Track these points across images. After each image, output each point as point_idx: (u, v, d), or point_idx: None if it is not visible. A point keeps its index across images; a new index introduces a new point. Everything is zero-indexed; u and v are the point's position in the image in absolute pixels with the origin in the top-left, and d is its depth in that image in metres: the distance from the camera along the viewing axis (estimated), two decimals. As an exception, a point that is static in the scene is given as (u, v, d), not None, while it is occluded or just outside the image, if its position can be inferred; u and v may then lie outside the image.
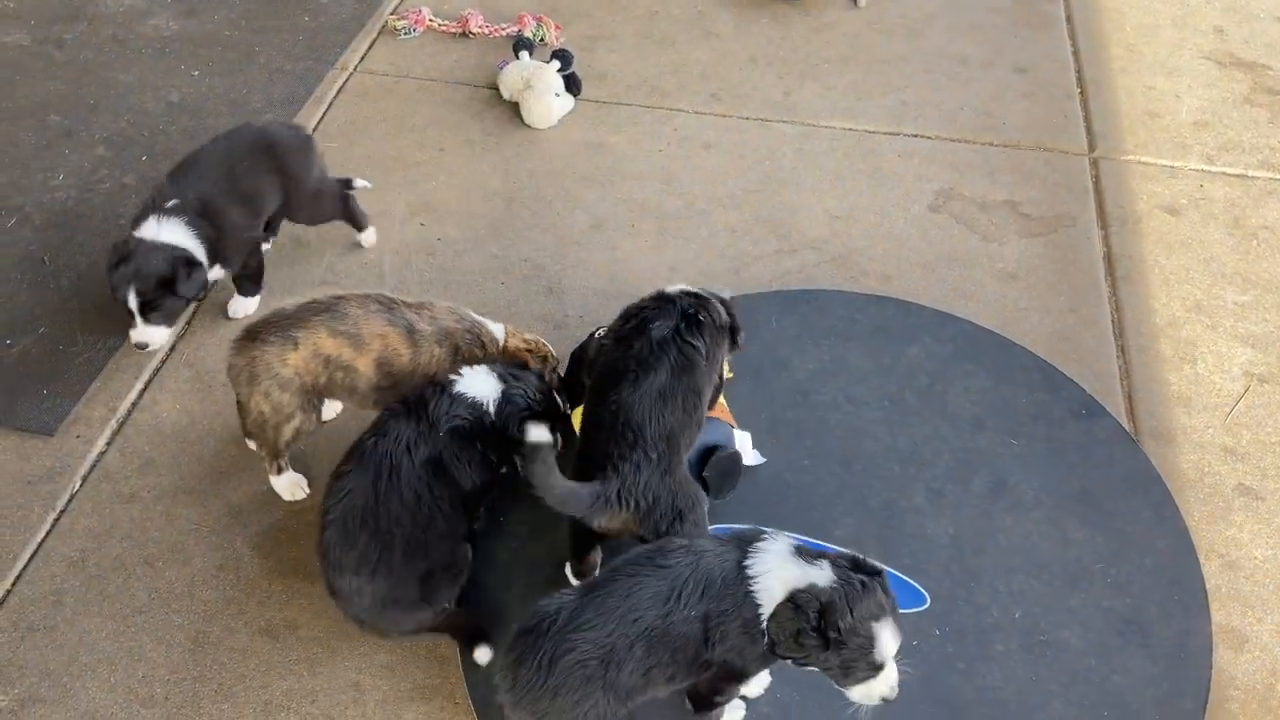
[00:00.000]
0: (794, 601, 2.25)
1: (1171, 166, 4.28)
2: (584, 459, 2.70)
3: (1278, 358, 3.59)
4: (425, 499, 2.71)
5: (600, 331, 3.12)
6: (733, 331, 2.95)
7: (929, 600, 2.84)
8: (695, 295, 2.89)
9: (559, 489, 2.52)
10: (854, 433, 3.20)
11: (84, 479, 3.23)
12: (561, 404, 2.99)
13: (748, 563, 2.33)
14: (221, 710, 2.75)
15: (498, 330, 3.10)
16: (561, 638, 2.26)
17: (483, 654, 2.75)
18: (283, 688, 2.79)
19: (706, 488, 2.95)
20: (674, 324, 2.78)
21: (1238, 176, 4.24)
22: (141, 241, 3.28)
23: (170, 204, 3.35)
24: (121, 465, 3.26)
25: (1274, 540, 3.11)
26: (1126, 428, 3.30)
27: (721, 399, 3.09)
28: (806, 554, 2.33)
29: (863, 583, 2.24)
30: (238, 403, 3.04)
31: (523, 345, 3.08)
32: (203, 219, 3.37)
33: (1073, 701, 2.67)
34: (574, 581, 2.78)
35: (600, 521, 2.63)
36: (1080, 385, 3.34)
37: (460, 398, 2.80)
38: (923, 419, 3.24)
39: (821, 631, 2.23)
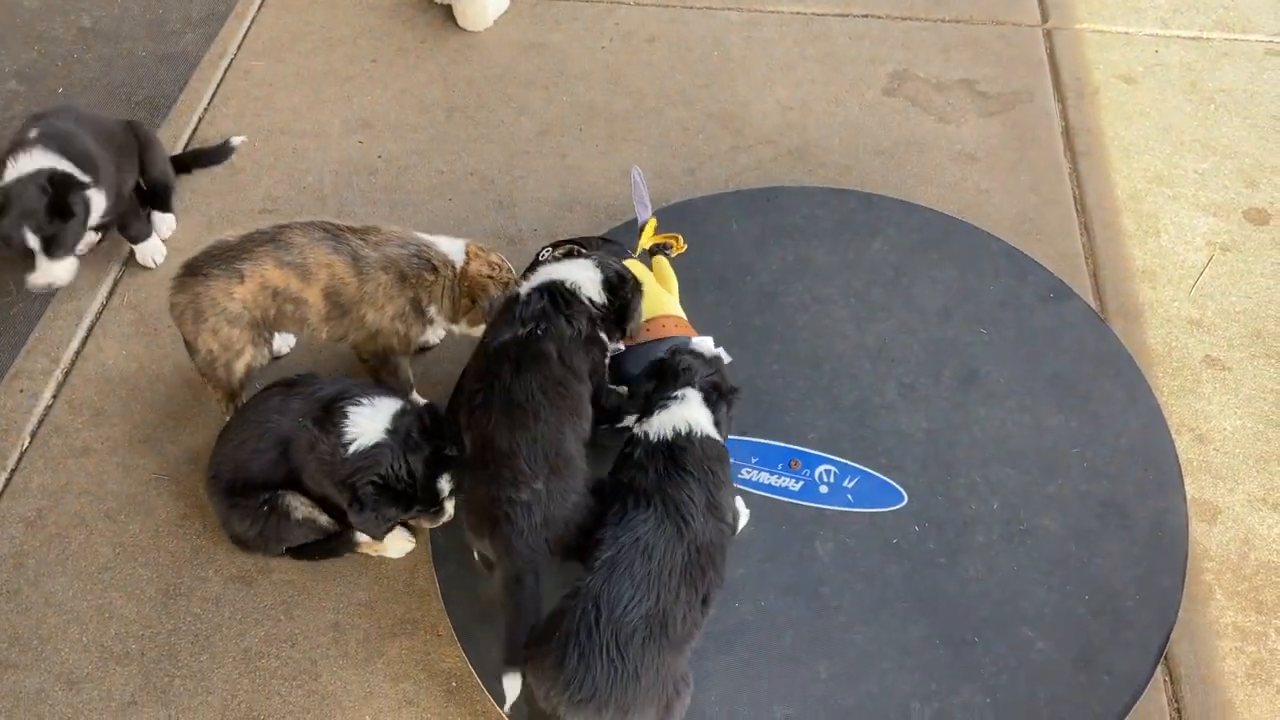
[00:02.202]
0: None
1: (1126, 33, 4.19)
2: (470, 503, 2.50)
3: (1239, 225, 3.56)
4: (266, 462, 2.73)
5: (545, 253, 3.00)
6: (619, 318, 2.73)
7: (906, 497, 2.83)
8: (560, 292, 2.64)
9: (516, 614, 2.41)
10: (822, 333, 3.15)
11: (33, 435, 3.12)
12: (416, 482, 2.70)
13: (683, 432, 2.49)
14: (200, 661, 2.70)
15: (454, 250, 2.94)
16: (618, 625, 2.20)
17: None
18: (260, 634, 2.74)
19: None
20: (511, 334, 2.57)
21: (1193, 39, 4.16)
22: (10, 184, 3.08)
23: (31, 135, 3.16)
24: (71, 418, 3.15)
25: (1242, 410, 3.12)
26: (1093, 306, 3.27)
27: (678, 310, 2.97)
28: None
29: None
30: (185, 342, 2.92)
31: (485, 271, 2.91)
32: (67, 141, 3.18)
33: (1055, 588, 2.68)
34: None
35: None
36: (1046, 267, 3.30)
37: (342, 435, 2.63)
38: (890, 313, 3.18)
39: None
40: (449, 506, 2.72)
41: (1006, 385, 3.03)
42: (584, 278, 2.70)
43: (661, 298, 2.95)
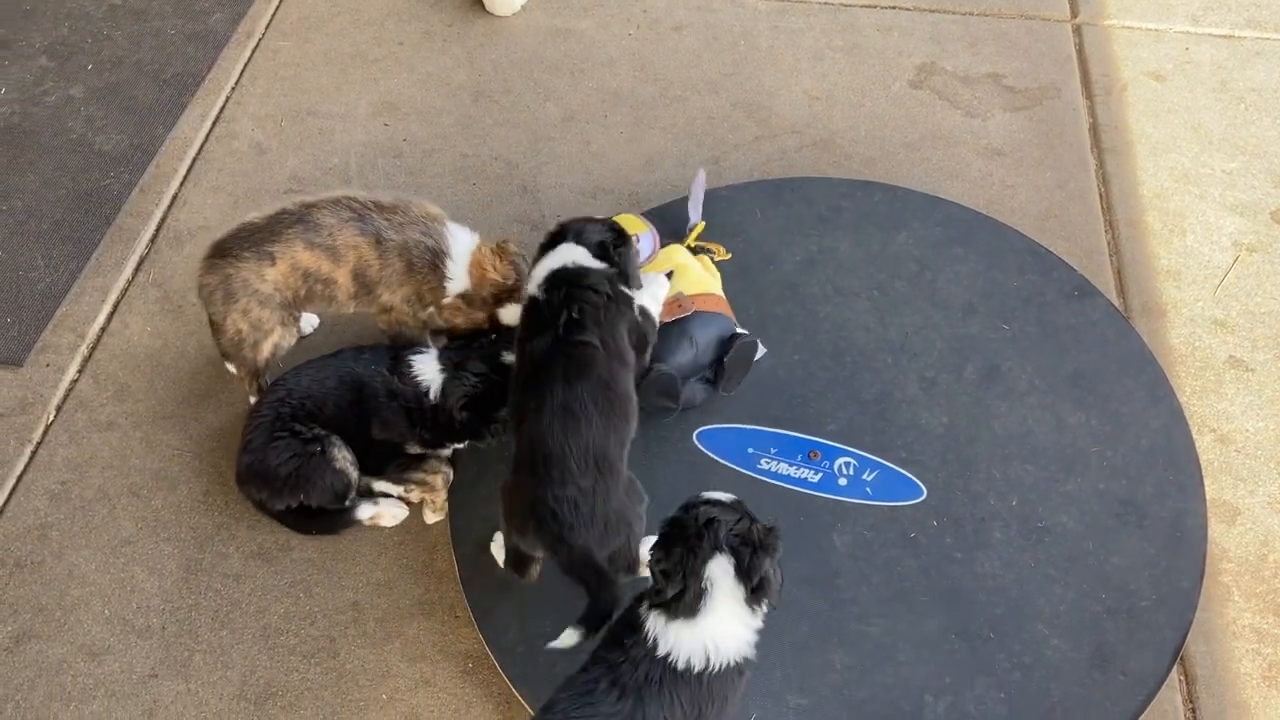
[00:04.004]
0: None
1: (1156, 30, 4.16)
2: (513, 495, 2.50)
3: (1266, 225, 3.54)
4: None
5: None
6: (623, 276, 2.68)
7: (925, 492, 2.83)
8: (570, 275, 2.63)
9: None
10: (844, 325, 3.14)
11: (58, 409, 3.15)
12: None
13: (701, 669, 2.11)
14: (220, 637, 2.73)
15: (457, 266, 2.91)
16: None
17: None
18: (280, 611, 2.77)
19: (717, 379, 2.91)
20: (553, 333, 2.55)
21: (1224, 37, 4.13)
22: None
23: None
24: (95, 393, 3.18)
25: (1265, 411, 3.10)
26: (1117, 305, 3.26)
27: (720, 293, 3.00)
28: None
29: None
30: (211, 322, 2.93)
31: (456, 320, 2.92)
32: None
33: (1071, 585, 2.68)
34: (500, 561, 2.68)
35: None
36: (1070, 265, 3.28)
37: (409, 374, 2.86)
38: (913, 307, 3.18)
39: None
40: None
41: (1028, 382, 3.03)
42: (576, 255, 2.66)
43: (705, 279, 3.00)
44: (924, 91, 3.94)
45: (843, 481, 2.85)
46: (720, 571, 2.10)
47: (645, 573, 2.45)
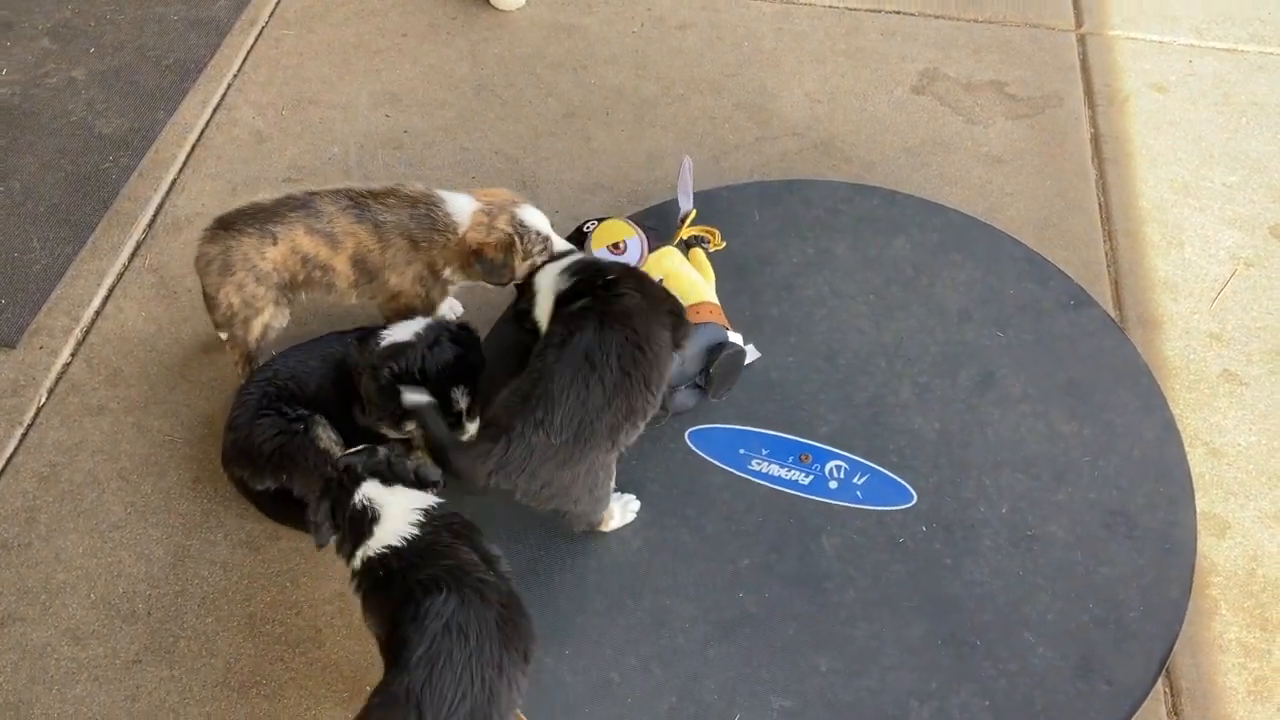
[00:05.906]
0: None
1: (1160, 42, 4.16)
2: (489, 420, 2.47)
3: (1264, 240, 3.54)
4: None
5: (589, 225, 3.02)
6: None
7: (916, 497, 2.83)
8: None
9: (447, 442, 2.42)
10: (839, 328, 3.14)
11: (50, 392, 3.14)
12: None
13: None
14: (205, 624, 2.72)
15: (461, 211, 2.90)
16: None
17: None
18: (266, 599, 2.77)
19: (707, 386, 2.90)
20: (590, 289, 2.60)
21: (1227, 51, 4.13)
22: None
23: None
24: (88, 376, 3.17)
25: (1257, 426, 3.10)
26: (1113, 315, 3.26)
27: (714, 299, 3.00)
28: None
29: None
30: (205, 295, 2.93)
31: (480, 238, 2.86)
32: None
33: (1059, 595, 2.68)
34: None
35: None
36: (1068, 274, 3.28)
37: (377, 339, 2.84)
38: (909, 312, 3.18)
39: None
40: (470, 426, 2.80)
41: (1021, 390, 3.02)
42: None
43: (698, 285, 2.98)
44: (926, 97, 3.94)
45: (833, 485, 2.85)
46: (374, 492, 2.35)
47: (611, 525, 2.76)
